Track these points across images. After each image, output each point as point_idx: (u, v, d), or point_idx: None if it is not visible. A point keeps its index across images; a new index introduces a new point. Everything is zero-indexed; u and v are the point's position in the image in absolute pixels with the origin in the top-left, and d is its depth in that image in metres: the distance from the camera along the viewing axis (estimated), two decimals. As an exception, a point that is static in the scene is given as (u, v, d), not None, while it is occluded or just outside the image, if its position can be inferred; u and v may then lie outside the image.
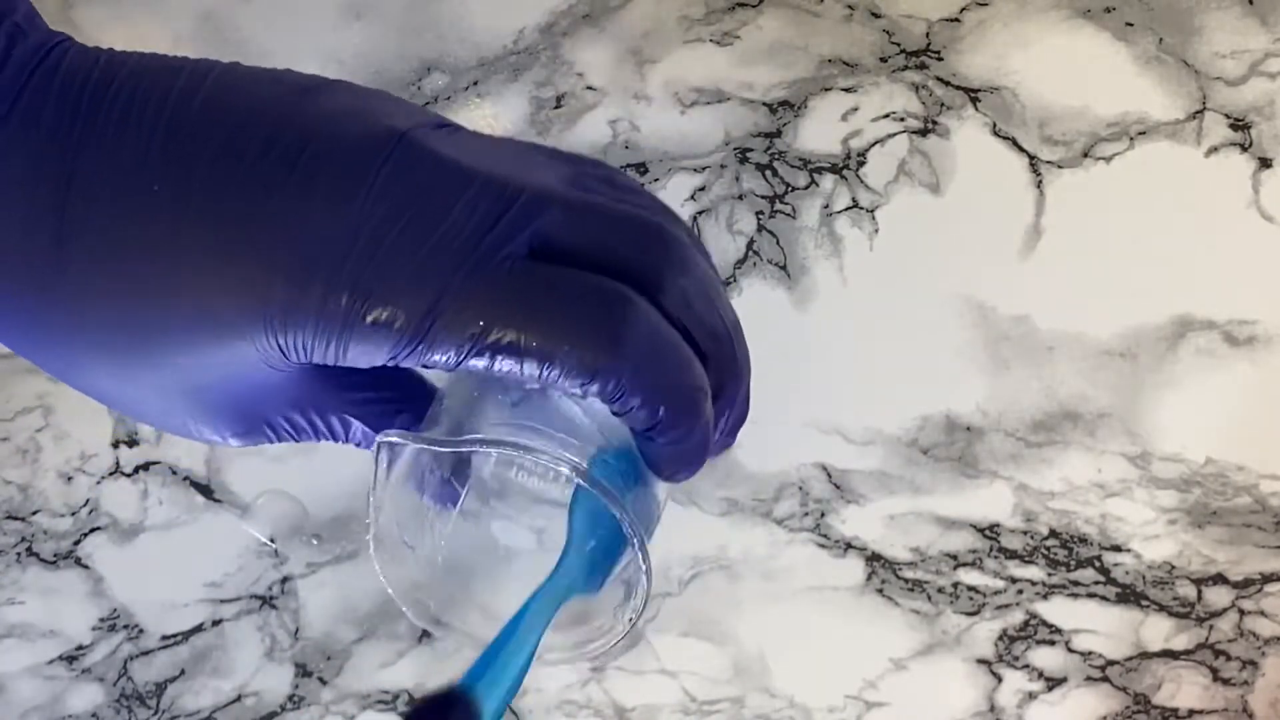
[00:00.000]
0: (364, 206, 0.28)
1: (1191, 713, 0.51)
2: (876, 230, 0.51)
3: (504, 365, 0.28)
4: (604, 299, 0.28)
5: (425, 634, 0.53)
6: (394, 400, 0.33)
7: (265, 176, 0.28)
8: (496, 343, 0.27)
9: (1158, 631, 0.51)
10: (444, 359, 0.28)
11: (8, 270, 0.28)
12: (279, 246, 0.27)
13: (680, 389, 0.29)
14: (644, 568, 0.31)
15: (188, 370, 0.29)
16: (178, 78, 0.29)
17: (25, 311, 0.29)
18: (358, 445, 0.33)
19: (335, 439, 0.33)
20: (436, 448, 0.30)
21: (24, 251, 0.28)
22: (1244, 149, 0.50)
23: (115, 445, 0.53)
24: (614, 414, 0.29)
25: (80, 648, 0.53)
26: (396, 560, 0.33)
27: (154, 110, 0.28)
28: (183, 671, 0.53)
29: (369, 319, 0.27)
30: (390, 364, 0.28)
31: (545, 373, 0.28)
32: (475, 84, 0.51)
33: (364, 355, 0.28)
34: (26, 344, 0.29)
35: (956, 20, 0.51)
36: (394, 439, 0.30)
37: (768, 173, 0.51)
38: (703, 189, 0.51)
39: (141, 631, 0.53)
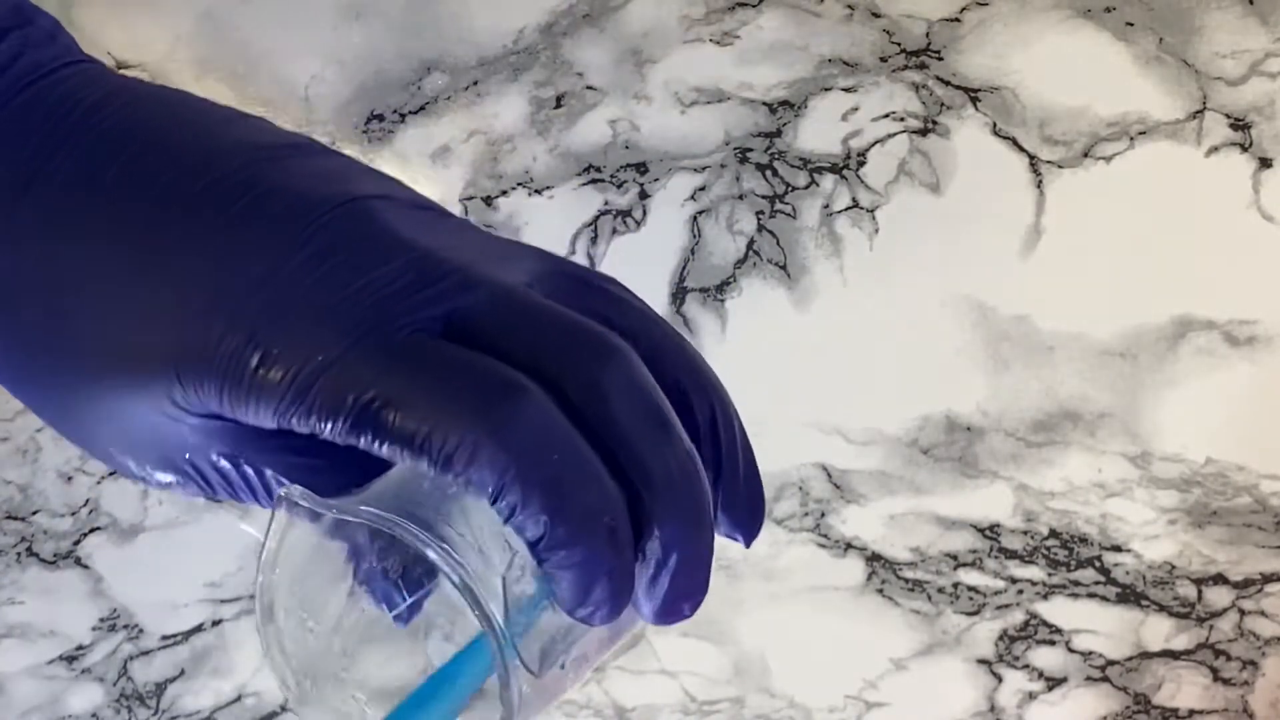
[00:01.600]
0: (288, 255, 0.27)
1: (1191, 713, 0.51)
2: (876, 230, 0.51)
3: (379, 441, 0.26)
4: (494, 382, 0.26)
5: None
6: (327, 464, 0.31)
7: (203, 216, 0.27)
8: (374, 415, 0.26)
9: (1158, 631, 0.51)
10: (324, 426, 0.26)
11: None
12: (198, 284, 0.27)
13: (569, 498, 0.26)
14: (509, 694, 0.27)
15: (110, 404, 0.29)
16: (168, 117, 0.29)
17: None
18: None
19: (272, 500, 0.31)
20: (333, 514, 0.27)
21: None
22: (1244, 149, 0.50)
23: (115, 445, 0.53)
24: (503, 520, 0.26)
25: (80, 648, 0.53)
26: (289, 637, 0.29)
27: (124, 142, 0.28)
28: (183, 671, 0.53)
29: (258, 370, 0.26)
30: (281, 424, 0.27)
31: (420, 453, 0.26)
32: (475, 84, 0.51)
33: (254, 408, 0.27)
34: None
35: (956, 20, 0.51)
36: (295, 497, 0.28)
37: (768, 173, 0.51)
38: (703, 189, 0.51)
39: (141, 631, 0.53)
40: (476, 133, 0.51)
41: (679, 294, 0.51)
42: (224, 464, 0.30)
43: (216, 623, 0.53)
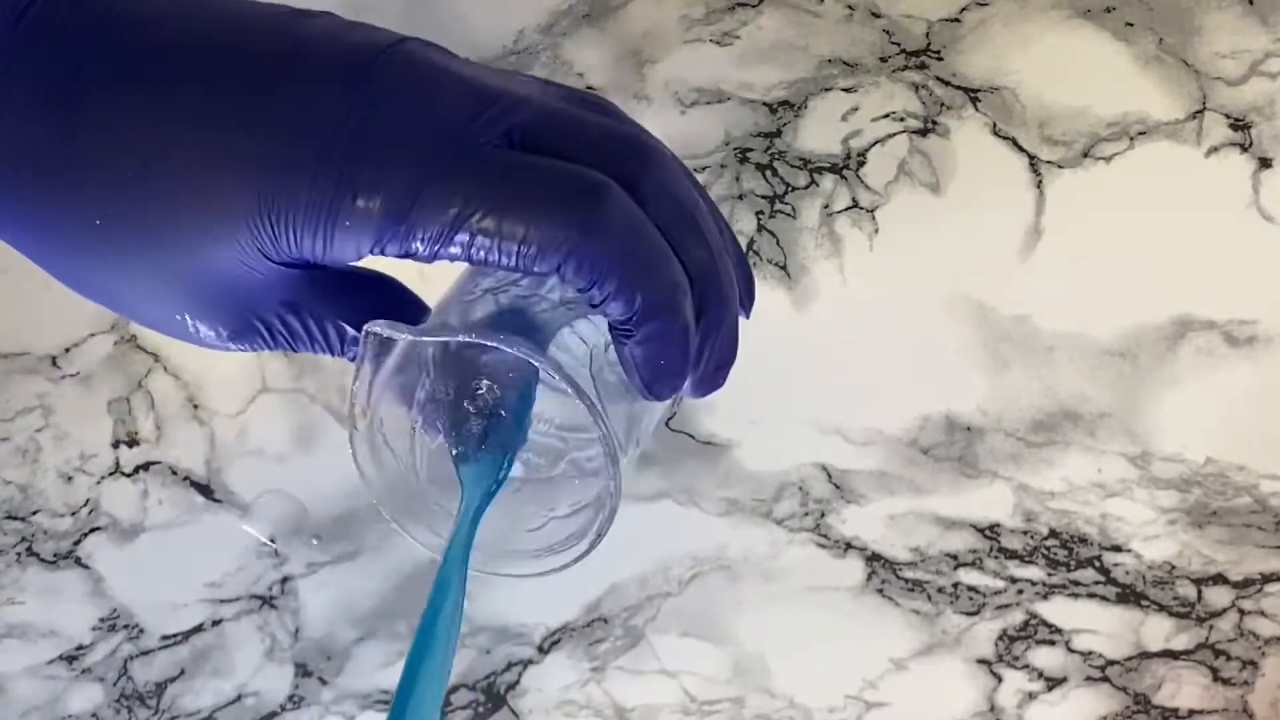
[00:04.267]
0: (354, 97, 0.29)
1: (1191, 713, 0.51)
2: (876, 230, 0.51)
3: (481, 248, 0.28)
4: (581, 183, 0.29)
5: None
6: (390, 308, 0.33)
7: (262, 69, 0.29)
8: (473, 225, 0.28)
9: (1158, 631, 0.51)
10: (424, 241, 0.28)
11: (14, 161, 0.29)
12: (273, 129, 0.29)
13: (656, 277, 0.29)
14: (613, 475, 0.30)
15: (185, 257, 0.30)
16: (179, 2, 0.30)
17: (29, 203, 0.30)
18: (351, 359, 0.33)
19: (330, 349, 0.32)
20: (419, 337, 0.30)
21: (31, 146, 0.29)
22: (1244, 149, 0.50)
23: (115, 445, 0.53)
24: (591, 305, 0.29)
25: (80, 648, 0.53)
26: (376, 457, 0.33)
27: (162, 18, 0.29)
28: (183, 671, 0.53)
29: (356, 200, 0.28)
30: (375, 250, 0.29)
31: (520, 254, 0.28)
32: (475, 84, 0.51)
33: (350, 240, 0.29)
34: (28, 237, 0.30)
35: (956, 20, 0.51)
36: (379, 329, 0.30)
37: (768, 173, 0.51)
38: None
39: (141, 631, 0.53)
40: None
41: (679, 294, 0.51)
42: (289, 316, 0.31)
43: (216, 623, 0.53)
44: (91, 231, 0.30)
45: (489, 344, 0.30)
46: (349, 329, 0.32)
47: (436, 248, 0.29)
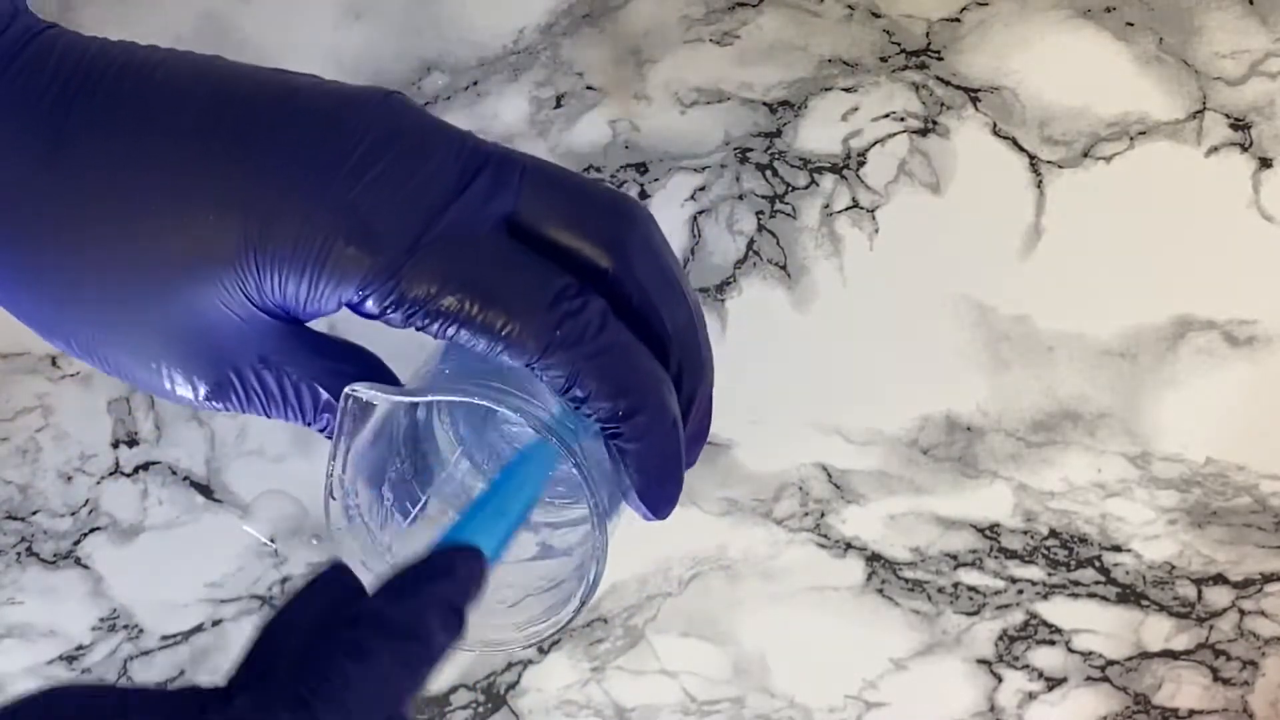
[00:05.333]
0: (349, 142, 0.29)
1: (1191, 713, 0.51)
2: (876, 230, 0.51)
3: (457, 325, 0.29)
4: (567, 289, 0.29)
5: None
6: (364, 377, 0.33)
7: (256, 110, 0.29)
8: (458, 301, 0.28)
9: (1158, 631, 0.51)
10: (407, 302, 0.28)
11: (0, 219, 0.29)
12: (265, 169, 0.28)
13: (638, 373, 0.30)
14: (598, 544, 0.31)
15: (166, 299, 0.30)
16: (168, 52, 0.30)
17: (5, 243, 0.29)
18: (321, 430, 0.33)
19: (302, 414, 0.32)
20: (402, 397, 0.30)
21: (11, 185, 0.29)
22: (1244, 149, 0.50)
23: (115, 445, 0.53)
24: (575, 406, 0.30)
25: (80, 648, 0.53)
26: (351, 528, 0.33)
27: (147, 74, 0.30)
28: (183, 672, 0.53)
29: (348, 247, 0.28)
30: (356, 299, 0.29)
31: (494, 343, 0.29)
32: (475, 84, 0.51)
33: (334, 286, 0.29)
34: (15, 295, 0.30)
35: (956, 20, 0.51)
36: (360, 391, 0.30)
37: (768, 173, 0.51)
38: (703, 189, 0.51)
39: (141, 631, 0.53)
40: (477, 132, 0.52)
41: (679, 294, 0.51)
42: (265, 373, 0.31)
43: (217, 623, 0.53)
44: (70, 274, 0.29)
45: (484, 404, 0.30)
46: (323, 393, 0.32)
47: (415, 311, 0.29)
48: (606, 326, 0.29)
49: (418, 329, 0.29)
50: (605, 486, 0.32)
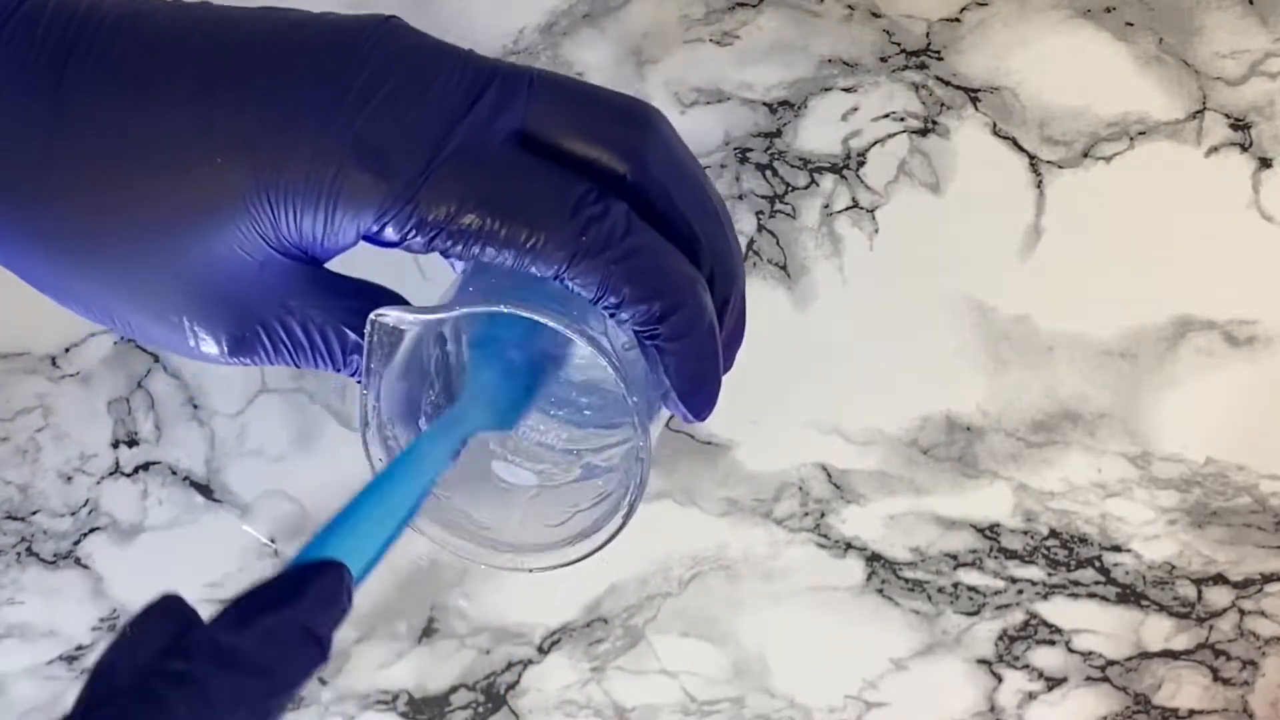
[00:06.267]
0: (350, 68, 0.28)
1: (1191, 713, 0.51)
2: (876, 230, 0.51)
3: (481, 241, 0.28)
4: (587, 194, 0.28)
5: (425, 634, 0.53)
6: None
7: (255, 48, 0.28)
8: (478, 217, 0.28)
9: (1158, 631, 0.51)
10: (427, 224, 0.28)
11: (3, 178, 0.29)
12: (268, 105, 0.28)
13: (671, 273, 0.29)
14: (642, 445, 0.30)
15: (181, 249, 0.29)
16: (160, 6, 0.30)
17: (12, 204, 0.29)
18: (352, 375, 0.32)
19: (331, 359, 0.31)
20: (429, 315, 0.29)
21: (14, 140, 0.28)
22: (1244, 149, 0.50)
23: (115, 445, 0.53)
24: (611, 315, 0.29)
25: (80, 648, 0.53)
26: (389, 456, 0.32)
27: (142, 28, 0.29)
28: (183, 671, 0.53)
29: (363, 173, 0.28)
30: (375, 228, 0.28)
31: (519, 256, 0.28)
32: (475, 84, 0.51)
33: (351, 215, 0.28)
34: (12, 242, 0.30)
35: (956, 20, 0.51)
36: (384, 316, 0.29)
37: (768, 173, 0.51)
38: (703, 189, 0.51)
39: (141, 631, 0.53)
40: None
41: (679, 294, 0.51)
42: (290, 319, 0.31)
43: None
44: (81, 236, 0.29)
45: (515, 312, 0.29)
46: (350, 335, 0.31)
47: (436, 233, 0.28)
48: (632, 229, 0.29)
49: (441, 252, 0.29)
50: (643, 392, 0.30)
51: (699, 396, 0.31)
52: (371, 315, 0.29)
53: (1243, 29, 0.50)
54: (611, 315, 0.29)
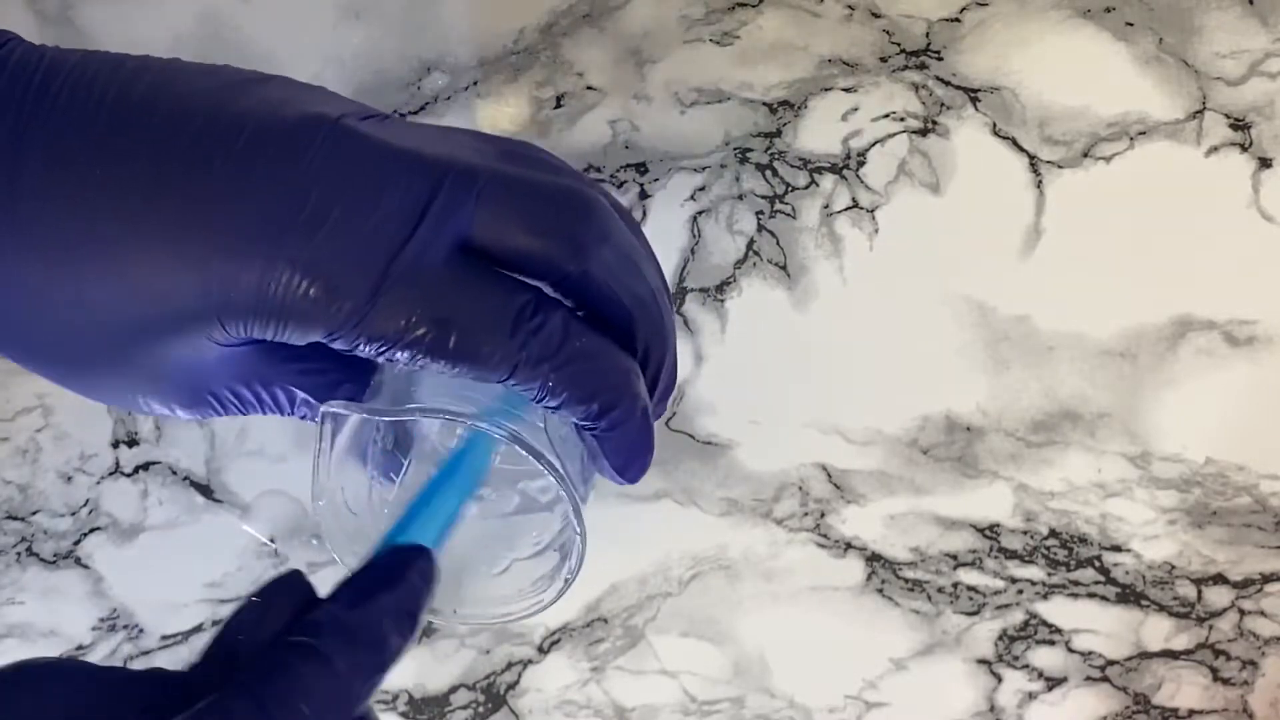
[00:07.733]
0: (301, 186, 0.28)
1: (1191, 713, 0.51)
2: (876, 230, 0.51)
3: (429, 356, 0.29)
4: (527, 307, 0.30)
5: (425, 634, 0.53)
6: (335, 371, 0.34)
7: (204, 158, 0.29)
8: (425, 337, 0.29)
9: (1158, 631, 0.51)
10: (375, 342, 0.29)
11: None
12: (219, 224, 0.28)
13: (606, 374, 0.30)
14: (578, 531, 0.32)
15: (137, 349, 0.30)
16: (119, 71, 0.30)
17: None
18: (302, 418, 0.34)
19: (280, 411, 0.33)
20: (378, 417, 0.32)
21: None
22: (1244, 149, 0.50)
23: (115, 445, 0.53)
24: (550, 410, 0.31)
25: (80, 648, 0.53)
26: (340, 523, 0.34)
27: (96, 101, 0.29)
28: (183, 671, 0.53)
29: (311, 294, 0.28)
30: (324, 341, 0.29)
31: (467, 367, 0.29)
32: (475, 84, 0.51)
33: (300, 331, 0.29)
34: None
35: (956, 20, 0.51)
36: (337, 409, 0.31)
37: (768, 173, 0.51)
38: (703, 189, 0.51)
39: (141, 631, 0.53)
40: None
41: (679, 294, 0.51)
42: (240, 387, 0.32)
43: (217, 623, 0.53)
44: (34, 327, 0.29)
45: (458, 422, 0.31)
46: (299, 392, 0.33)
47: (385, 349, 0.29)
48: (569, 335, 0.30)
49: (387, 359, 0.30)
50: (580, 475, 0.33)
51: (632, 470, 0.33)
52: (323, 408, 0.32)
53: (1243, 29, 0.50)
54: (553, 412, 0.31)
